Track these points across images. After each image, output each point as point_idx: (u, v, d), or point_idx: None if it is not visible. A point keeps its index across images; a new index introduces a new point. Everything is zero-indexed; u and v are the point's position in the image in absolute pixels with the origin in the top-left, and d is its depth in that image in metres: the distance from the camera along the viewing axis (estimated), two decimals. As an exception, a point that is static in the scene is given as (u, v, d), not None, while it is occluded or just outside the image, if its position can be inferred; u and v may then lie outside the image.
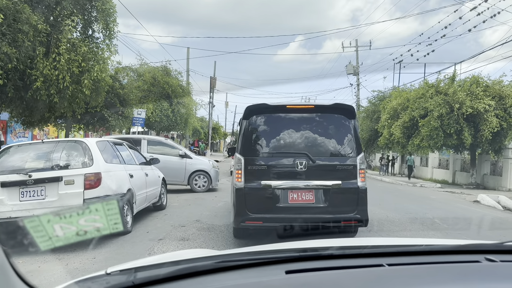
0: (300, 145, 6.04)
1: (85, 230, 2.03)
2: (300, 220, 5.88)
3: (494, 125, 18.06)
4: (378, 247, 1.63)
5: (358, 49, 36.97)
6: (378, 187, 18.44)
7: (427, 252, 1.52)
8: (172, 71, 22.79)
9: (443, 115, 18.79)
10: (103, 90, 10.17)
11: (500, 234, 8.18)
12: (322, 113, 6.25)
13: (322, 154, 6.04)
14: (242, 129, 6.18)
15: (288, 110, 6.19)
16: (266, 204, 5.87)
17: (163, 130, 24.67)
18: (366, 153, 35.35)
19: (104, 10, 9.76)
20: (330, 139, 6.13)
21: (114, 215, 1.98)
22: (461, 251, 1.55)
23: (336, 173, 5.98)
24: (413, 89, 24.05)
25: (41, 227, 1.93)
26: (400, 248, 1.54)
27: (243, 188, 5.86)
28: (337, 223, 5.92)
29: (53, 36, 8.84)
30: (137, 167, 7.54)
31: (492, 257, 1.42)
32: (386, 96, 29.53)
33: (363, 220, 5.95)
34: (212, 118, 42.08)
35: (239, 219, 5.83)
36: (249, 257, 1.39)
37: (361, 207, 5.95)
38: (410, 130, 20.66)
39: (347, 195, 5.97)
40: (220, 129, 66.96)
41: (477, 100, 18.70)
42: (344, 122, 6.19)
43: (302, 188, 5.88)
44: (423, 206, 11.72)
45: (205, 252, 1.77)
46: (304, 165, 5.88)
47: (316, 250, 1.53)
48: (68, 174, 5.78)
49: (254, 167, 5.95)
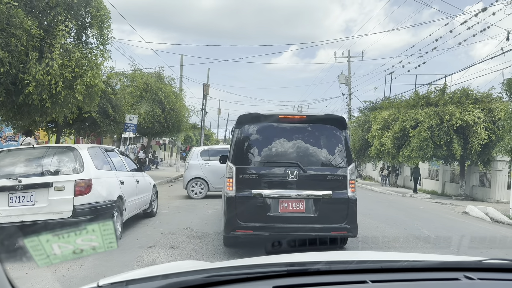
0: (292, 154, 6.06)
1: (76, 240, 2.05)
2: (290, 229, 5.90)
3: (483, 137, 18.33)
4: (363, 262, 1.67)
5: (350, 60, 37.31)
6: (368, 197, 18.53)
7: (409, 269, 1.55)
8: (165, 78, 22.81)
9: (433, 126, 19.03)
10: (96, 96, 10.16)
11: (487, 246, 8.28)
12: (313, 124, 6.30)
13: (313, 164, 6.07)
14: (234, 137, 6.21)
15: (280, 120, 6.20)
16: (256, 213, 5.87)
17: (155, 136, 24.60)
18: (357, 162, 35.56)
19: (98, 16, 9.77)
20: (321, 149, 6.17)
21: (105, 222, 1.99)
22: (442, 268, 1.59)
23: (326, 183, 6.01)
24: (403, 100, 24.32)
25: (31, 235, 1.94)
26: (383, 264, 1.58)
27: (234, 197, 5.87)
28: (327, 233, 5.93)
29: (46, 41, 8.83)
30: (128, 173, 7.53)
31: (471, 274, 1.45)
32: (377, 107, 29.81)
33: (352, 230, 5.98)
34: (204, 125, 42.06)
35: (230, 227, 5.87)
36: (237, 272, 1.42)
37: (350, 217, 5.97)
38: (400, 140, 20.86)
39: (337, 205, 5.98)
40: (213, 136, 66.94)
41: (466, 112, 18.97)
42: (335, 133, 6.22)
43: (292, 198, 5.90)
44: (412, 217, 11.81)
45: (195, 265, 1.78)
46: (295, 175, 5.90)
47: (303, 265, 1.56)
48: (58, 180, 5.75)
49: (246, 176, 5.96)
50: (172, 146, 41.05)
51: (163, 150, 43.51)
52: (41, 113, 9.54)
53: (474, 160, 19.73)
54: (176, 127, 21.49)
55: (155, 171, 26.32)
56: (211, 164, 13.20)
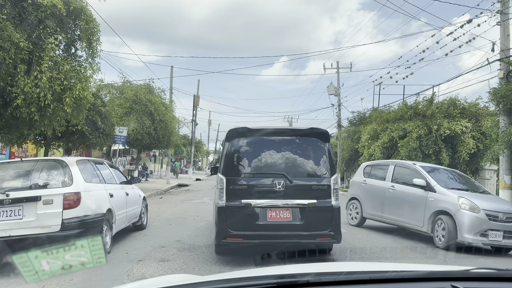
0: (279, 166, 6.40)
1: (64, 255, 2.04)
2: (278, 237, 6.22)
3: (471, 146, 18.58)
4: (352, 273, 1.69)
5: (339, 71, 37.68)
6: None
7: (397, 280, 1.56)
8: (155, 89, 22.81)
9: (422, 136, 19.23)
10: (84, 108, 10.10)
11: (475, 255, 8.33)
12: (299, 137, 6.71)
13: (299, 175, 6.40)
14: (224, 150, 6.53)
15: (267, 133, 6.60)
16: (246, 222, 6.14)
17: (145, 149, 24.49)
18: (347, 172, 35.72)
19: (87, 29, 9.76)
20: (306, 161, 6.53)
21: (93, 237, 1.99)
22: (430, 278, 1.61)
23: (311, 193, 6.32)
24: (392, 111, 24.59)
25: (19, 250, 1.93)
26: (372, 275, 1.60)
27: (224, 207, 6.15)
28: (312, 240, 6.31)
29: (35, 54, 8.80)
30: (118, 186, 7.49)
31: (458, 284, 1.47)
32: (366, 117, 30.07)
33: (336, 237, 6.32)
34: (195, 136, 41.99)
35: (221, 236, 6.15)
36: (227, 285, 1.41)
37: (334, 224, 6.31)
38: (389, 150, 21.04)
39: (322, 213, 6.30)
40: (203, 147, 66.83)
41: (454, 122, 19.23)
42: (319, 145, 6.59)
43: (280, 207, 6.20)
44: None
45: (185, 278, 1.78)
46: (282, 185, 6.21)
47: (293, 277, 1.55)
48: (47, 194, 5.70)
49: (235, 187, 6.24)
50: (162, 158, 40.84)
51: (153, 162, 43.27)
52: (30, 126, 9.46)
53: (463, 169, 19.93)
54: (166, 139, 21.40)
55: (145, 183, 26.13)
56: (369, 182, 10.73)
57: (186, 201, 16.04)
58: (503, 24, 13.92)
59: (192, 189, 24.32)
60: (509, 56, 13.62)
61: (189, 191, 22.24)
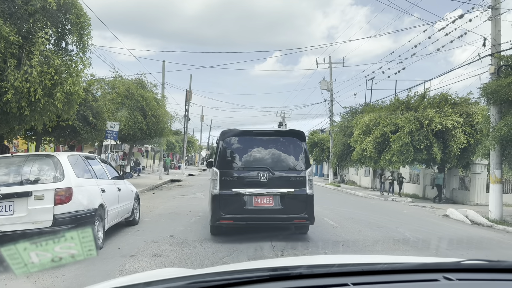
0: (263, 161, 7.67)
1: (56, 248, 2.02)
2: (262, 219, 7.50)
3: (462, 141, 18.74)
4: (344, 265, 1.70)
5: (331, 66, 37.71)
6: (351, 202, 18.71)
7: (389, 271, 1.57)
8: (147, 84, 22.66)
9: (413, 131, 19.36)
10: (75, 103, 10.02)
11: (467, 247, 8.44)
12: (279, 137, 7.98)
13: (280, 168, 7.66)
14: (218, 148, 7.87)
15: (253, 133, 7.94)
16: (236, 207, 7.39)
17: (137, 143, 24.38)
18: (339, 167, 35.84)
19: (78, 23, 9.66)
20: (286, 157, 7.80)
21: (86, 232, 1.98)
22: (422, 269, 1.62)
23: (290, 183, 7.60)
24: (384, 106, 24.69)
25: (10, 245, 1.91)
26: (364, 267, 1.61)
27: (218, 194, 7.40)
28: (290, 222, 7.61)
29: (25, 48, 8.69)
30: (110, 181, 7.44)
31: (450, 275, 1.48)
32: (358, 112, 30.15)
33: (310, 219, 7.60)
34: (187, 132, 41.86)
35: (215, 218, 7.39)
36: (220, 278, 1.41)
37: (309, 209, 7.56)
38: (381, 145, 21.15)
39: (299, 200, 7.57)
40: (195, 143, 66.65)
41: (445, 116, 19.36)
42: (297, 144, 7.88)
43: (264, 194, 7.47)
44: (394, 220, 11.96)
45: (178, 272, 1.79)
46: (266, 177, 7.50)
47: (286, 269, 1.56)
48: (38, 189, 5.66)
49: (227, 178, 7.51)
50: (154, 153, 40.67)
51: (146, 157, 43.10)
52: (20, 121, 9.36)
53: (454, 164, 20.12)
54: (158, 134, 21.32)
55: (138, 179, 26.03)
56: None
57: (179, 197, 16.01)
58: (494, 19, 14.00)
59: (184, 184, 24.29)
60: (500, 51, 13.71)
61: (182, 187, 22.21)
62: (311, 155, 44.67)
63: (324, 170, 50.24)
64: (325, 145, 41.17)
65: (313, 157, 45.04)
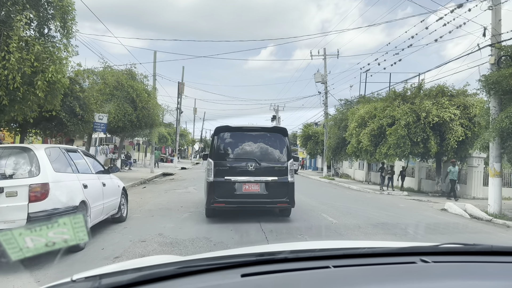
0: (252, 153, 8.84)
1: (30, 245, 1.67)
2: (250, 203, 8.69)
3: (459, 134, 18.37)
4: (326, 250, 1.75)
5: (326, 58, 37.19)
6: (347, 196, 18.32)
7: (369, 255, 1.64)
8: (137, 75, 22.00)
9: (410, 123, 18.95)
10: (59, 93, 9.42)
11: (464, 241, 8.04)
12: (266, 133, 9.16)
13: (265, 160, 8.84)
14: (213, 142, 9.07)
15: (243, 130, 9.10)
16: (228, 192, 8.51)
17: (127, 136, 23.77)
18: (333, 161, 35.44)
19: (61, 7, 9.05)
20: (271, 150, 8.99)
21: (66, 230, 1.77)
22: (400, 253, 1.70)
23: (274, 172, 8.76)
24: (380, 98, 24.26)
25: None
26: (345, 251, 1.68)
27: (212, 181, 8.53)
28: (274, 205, 8.91)
29: (3, 32, 8.10)
30: (93, 176, 6.89)
31: (427, 258, 1.55)
32: (353, 104, 29.71)
33: (291, 203, 8.82)
34: (179, 125, 41.20)
35: (209, 202, 8.52)
36: (208, 262, 1.46)
37: (290, 194, 8.78)
38: (377, 138, 20.73)
39: (281, 187, 8.71)
40: (188, 136, 65.90)
41: (442, 109, 18.97)
42: (281, 139, 9.09)
43: (252, 182, 8.61)
44: (393, 215, 11.57)
45: (169, 258, 1.83)
46: (253, 167, 8.66)
47: (272, 254, 1.63)
48: (10, 185, 5.11)
49: (221, 167, 8.64)
50: (146, 146, 39.97)
51: (137, 150, 42.39)
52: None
53: (451, 157, 19.77)
54: (149, 126, 20.72)
55: (128, 172, 25.45)
56: None
57: (171, 191, 15.48)
58: (494, 9, 13.56)
59: (177, 178, 23.73)
60: (501, 41, 13.30)
61: (174, 180, 21.66)
62: (305, 148, 44.27)
63: (318, 163, 49.89)
64: (319, 138, 40.73)
65: (307, 150, 44.63)
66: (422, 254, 1.61)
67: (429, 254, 1.61)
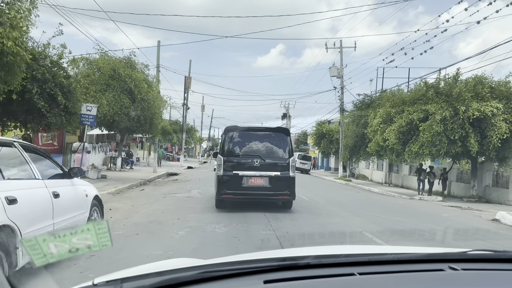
0: (258, 151, 9.90)
1: None
2: (255, 195, 9.81)
3: (503, 131, 15.85)
4: (351, 255, 1.71)
5: (342, 50, 34.72)
6: (373, 201, 15.92)
7: (396, 261, 1.57)
8: (137, 64, 19.79)
9: (447, 118, 16.48)
10: (18, 70, 7.20)
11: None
12: (270, 132, 10.34)
13: (269, 156, 9.89)
14: (222, 140, 10.27)
15: (250, 129, 10.40)
16: (235, 185, 9.61)
17: (127, 132, 21.56)
18: (350, 161, 32.93)
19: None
20: (275, 148, 10.04)
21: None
22: (428, 260, 1.65)
23: (277, 167, 9.82)
24: (409, 91, 21.74)
25: None
26: (371, 257, 1.61)
27: (222, 175, 9.64)
28: (277, 197, 9.93)
29: None
30: (35, 183, 4.48)
31: (455, 265, 1.49)
32: (374, 100, 27.24)
33: (292, 195, 9.89)
34: (186, 121, 39.01)
35: (219, 193, 9.66)
36: (230, 267, 1.42)
37: (291, 187, 9.82)
38: (406, 135, 18.24)
39: (283, 181, 9.75)
40: (196, 134, 63.61)
41: (483, 102, 16.48)
42: (284, 138, 10.21)
43: (257, 176, 9.68)
44: (441, 228, 9.22)
45: (190, 262, 1.79)
46: (259, 163, 9.70)
47: (294, 260, 1.59)
48: None
49: (229, 163, 9.76)
50: (150, 144, 37.78)
51: (141, 148, 40.24)
52: None
53: (492, 157, 17.26)
54: (149, 121, 18.45)
55: (129, 172, 23.27)
56: None
57: (170, 195, 13.17)
58: None
59: (181, 178, 21.46)
60: None
61: (177, 181, 19.38)
62: (319, 147, 41.82)
63: (331, 163, 47.40)
64: (333, 137, 38.23)
65: (320, 149, 42.19)
66: (450, 261, 1.55)
67: (457, 261, 1.55)
